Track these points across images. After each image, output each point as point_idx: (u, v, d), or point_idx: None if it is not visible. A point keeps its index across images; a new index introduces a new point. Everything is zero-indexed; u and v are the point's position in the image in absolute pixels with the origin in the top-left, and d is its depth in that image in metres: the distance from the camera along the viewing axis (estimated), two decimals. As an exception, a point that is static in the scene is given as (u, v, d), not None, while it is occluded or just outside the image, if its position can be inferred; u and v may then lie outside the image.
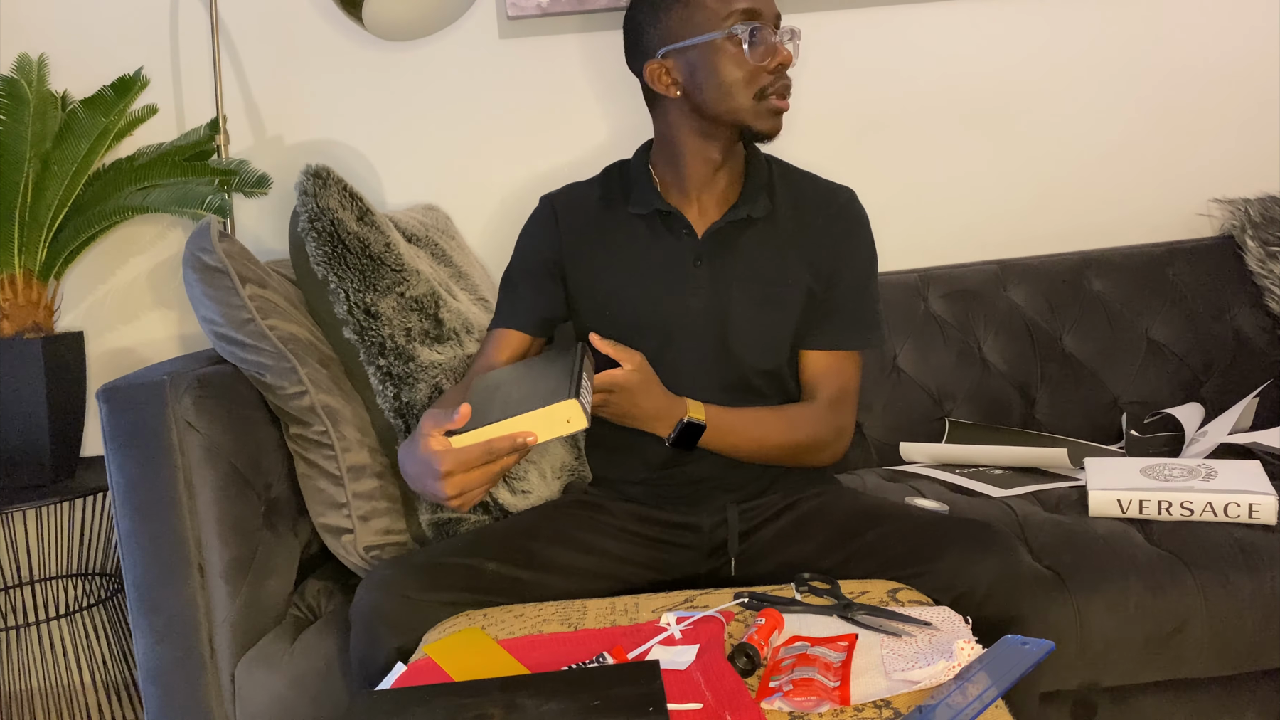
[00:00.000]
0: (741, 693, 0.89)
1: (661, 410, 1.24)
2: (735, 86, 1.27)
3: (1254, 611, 1.32)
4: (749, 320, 1.32)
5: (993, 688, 0.85)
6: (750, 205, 1.32)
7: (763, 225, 1.34)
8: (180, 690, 1.36)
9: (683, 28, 1.28)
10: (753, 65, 1.26)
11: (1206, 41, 2.03)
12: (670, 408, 1.25)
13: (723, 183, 1.34)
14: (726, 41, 1.26)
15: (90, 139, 1.76)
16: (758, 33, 1.25)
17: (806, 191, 1.38)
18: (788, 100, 1.29)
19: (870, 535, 1.20)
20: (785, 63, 1.27)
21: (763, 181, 1.35)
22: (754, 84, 1.27)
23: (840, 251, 1.35)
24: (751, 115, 1.28)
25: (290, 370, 1.38)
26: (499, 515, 1.45)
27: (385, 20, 1.85)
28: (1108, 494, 1.48)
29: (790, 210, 1.35)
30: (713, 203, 1.35)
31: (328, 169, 1.45)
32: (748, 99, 1.27)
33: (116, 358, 2.02)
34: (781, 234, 1.34)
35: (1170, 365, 1.88)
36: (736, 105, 1.27)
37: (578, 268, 1.37)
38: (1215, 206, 2.05)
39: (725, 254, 1.32)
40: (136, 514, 1.34)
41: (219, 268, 1.39)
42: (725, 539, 1.31)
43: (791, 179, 1.39)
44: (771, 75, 1.27)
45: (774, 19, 1.28)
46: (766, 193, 1.34)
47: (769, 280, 1.32)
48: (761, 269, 1.33)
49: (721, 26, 1.26)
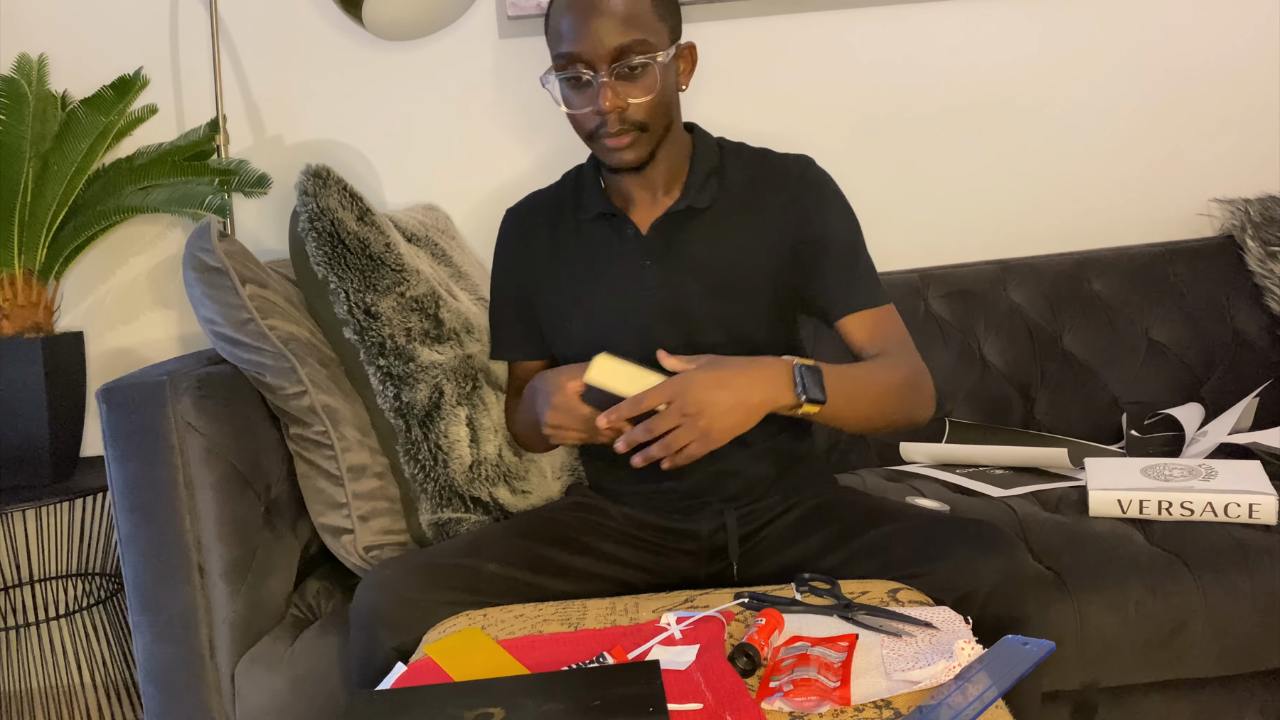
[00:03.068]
0: (742, 693, 0.89)
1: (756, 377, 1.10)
2: (573, 125, 1.26)
3: (1254, 611, 1.32)
4: (709, 312, 1.29)
5: (993, 688, 0.85)
6: (693, 196, 1.29)
7: (710, 214, 1.30)
8: (180, 690, 1.36)
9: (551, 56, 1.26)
10: (568, 111, 1.24)
11: (1206, 41, 2.03)
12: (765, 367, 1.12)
13: (661, 178, 1.31)
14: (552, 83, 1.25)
15: (90, 139, 1.76)
16: (568, 82, 1.22)
17: (762, 170, 1.33)
18: (623, 138, 1.22)
19: (873, 535, 1.19)
20: (605, 111, 1.20)
21: (709, 169, 1.31)
22: (580, 126, 1.25)
23: (815, 220, 1.30)
24: (595, 151, 1.27)
25: (290, 370, 1.38)
26: (499, 515, 1.45)
27: (385, 20, 1.85)
28: (1108, 494, 1.48)
29: (746, 192, 1.31)
30: (655, 199, 1.32)
31: (328, 169, 1.45)
32: (586, 139, 1.26)
33: (116, 358, 2.02)
34: (735, 219, 1.30)
35: (1170, 365, 1.88)
36: (583, 140, 1.27)
37: (541, 283, 1.37)
38: (1215, 206, 2.05)
39: (673, 248, 1.30)
40: (136, 514, 1.34)
41: (219, 268, 1.39)
42: (725, 543, 1.31)
43: (744, 159, 1.34)
44: (597, 117, 1.22)
45: (606, 57, 1.19)
46: (716, 179, 1.31)
47: (723, 269, 1.29)
48: (713, 258, 1.29)
49: (552, 71, 1.24)
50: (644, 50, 1.20)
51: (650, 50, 1.20)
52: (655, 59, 1.21)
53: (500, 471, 1.47)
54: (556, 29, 1.22)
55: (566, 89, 1.23)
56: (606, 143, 1.23)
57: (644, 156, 1.25)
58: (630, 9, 1.20)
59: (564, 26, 1.21)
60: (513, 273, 1.40)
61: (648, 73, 1.21)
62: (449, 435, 1.42)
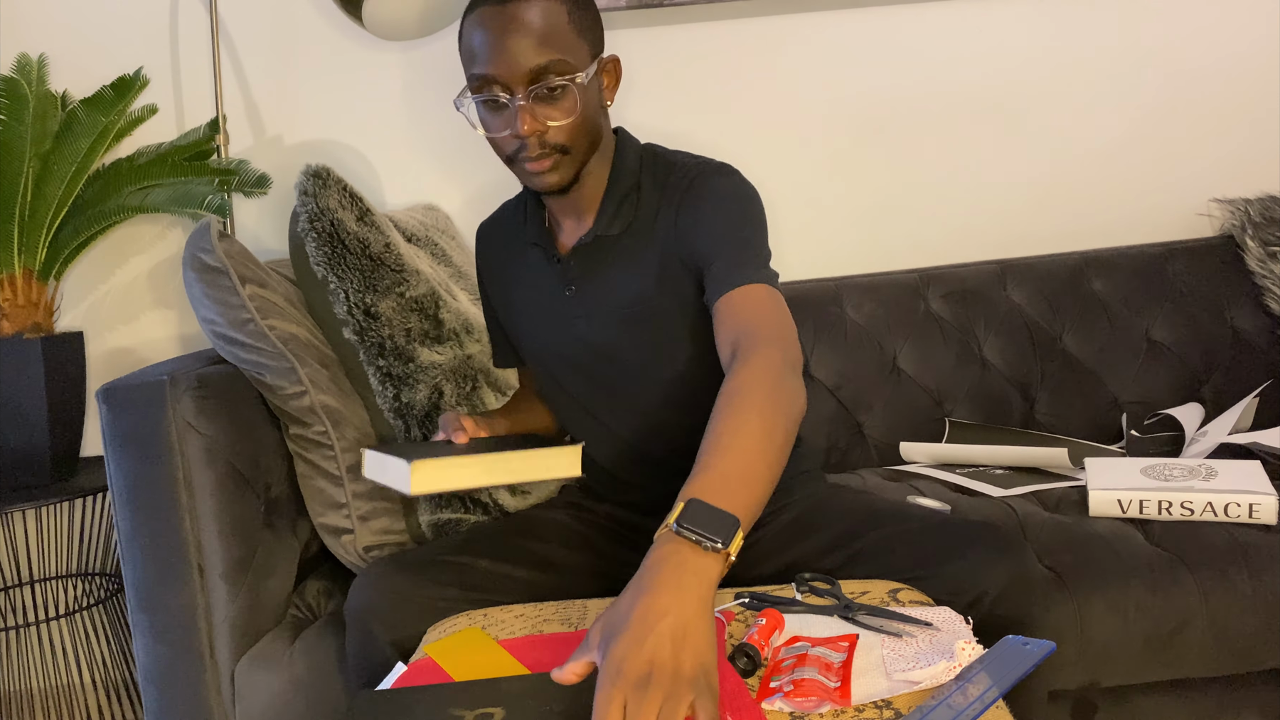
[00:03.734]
0: (742, 693, 0.89)
1: (659, 583, 0.80)
2: (493, 148, 1.20)
3: (1254, 611, 1.32)
4: (629, 340, 1.24)
5: (994, 688, 0.85)
6: (604, 224, 1.23)
7: (624, 240, 1.23)
8: (180, 690, 1.36)
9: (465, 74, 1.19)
10: (485, 135, 1.18)
11: (1207, 42, 2.04)
12: (653, 565, 0.83)
13: (584, 201, 1.25)
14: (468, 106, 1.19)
15: (90, 139, 1.76)
16: (484, 104, 1.15)
17: (670, 179, 1.24)
18: (544, 162, 1.16)
19: (875, 537, 1.18)
20: (523, 135, 1.13)
21: (624, 192, 1.24)
22: (500, 150, 1.19)
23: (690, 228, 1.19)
24: (517, 175, 1.21)
25: (290, 370, 1.38)
26: (499, 516, 1.45)
27: (385, 20, 1.85)
28: (1108, 494, 1.48)
29: (654, 207, 1.23)
30: (578, 222, 1.27)
31: (328, 169, 1.45)
32: (504, 160, 1.20)
33: (116, 358, 2.02)
34: (642, 244, 1.23)
35: (1170, 365, 1.88)
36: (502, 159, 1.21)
37: (500, 303, 1.37)
38: (1215, 206, 2.05)
39: (591, 276, 1.25)
40: (136, 514, 1.34)
41: (219, 268, 1.39)
42: None
43: (659, 171, 1.25)
44: (517, 140, 1.15)
45: (522, 79, 1.12)
46: (631, 202, 1.23)
47: (633, 297, 1.23)
48: (625, 287, 1.23)
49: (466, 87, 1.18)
50: (562, 70, 1.13)
51: (569, 71, 1.13)
52: (574, 80, 1.13)
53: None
54: (469, 47, 1.15)
55: (483, 111, 1.17)
56: (527, 166, 1.17)
57: (568, 179, 1.19)
58: (546, 27, 1.13)
59: (476, 44, 1.13)
60: (485, 288, 1.40)
61: (567, 94, 1.14)
62: (449, 435, 1.43)
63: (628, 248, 1.24)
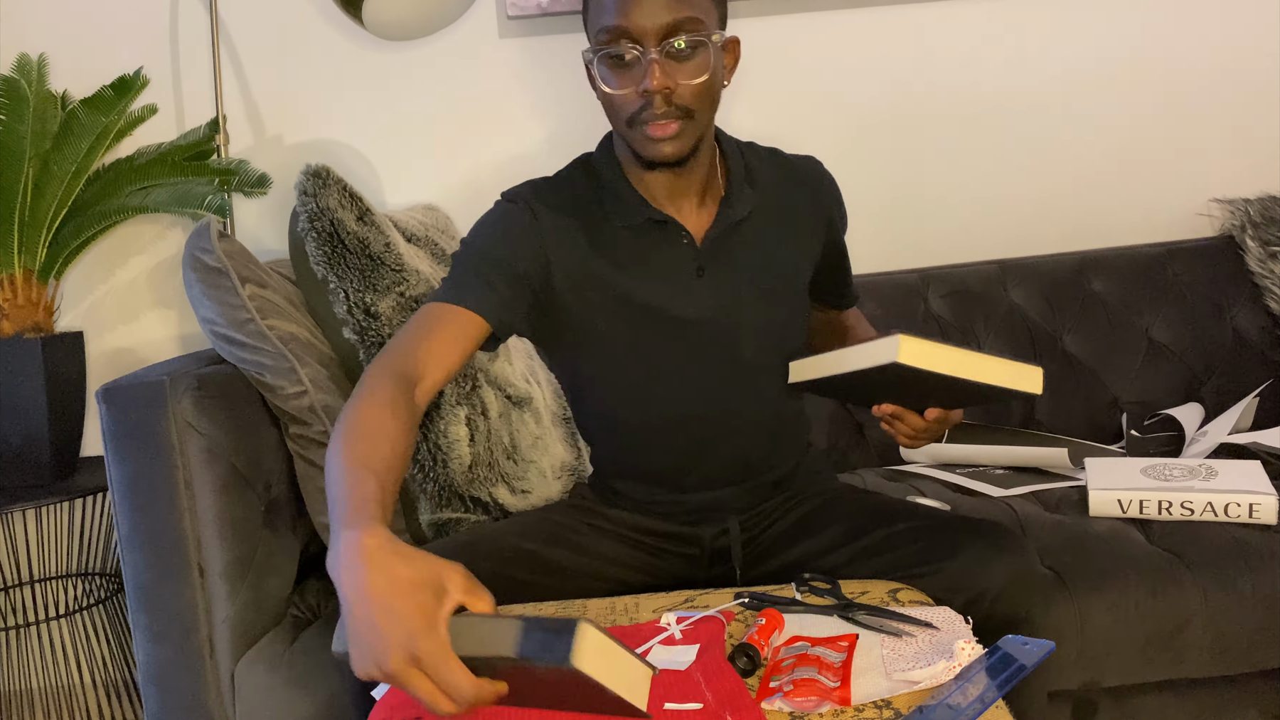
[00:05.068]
0: (742, 693, 0.89)
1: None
2: (608, 109, 1.17)
3: (1254, 611, 1.32)
4: (761, 323, 1.26)
5: (993, 688, 0.85)
6: (740, 202, 1.24)
7: (754, 220, 1.26)
8: (180, 690, 1.36)
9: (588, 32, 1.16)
10: (609, 91, 1.14)
11: (1206, 42, 2.04)
12: None
13: (699, 180, 1.24)
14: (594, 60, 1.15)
15: (90, 139, 1.76)
16: (609, 59, 1.12)
17: (783, 172, 1.31)
18: (669, 125, 1.12)
19: (879, 534, 1.18)
20: (651, 90, 1.10)
21: (741, 171, 1.26)
22: (621, 110, 1.15)
23: (837, 221, 1.35)
24: (632, 140, 1.17)
25: (290, 370, 1.38)
26: (499, 515, 1.45)
27: (385, 20, 1.85)
28: (1108, 494, 1.48)
29: (776, 193, 1.29)
30: (700, 204, 1.25)
31: (328, 169, 1.45)
32: (621, 124, 1.16)
33: (116, 358, 2.02)
34: (773, 224, 1.28)
35: (1170, 365, 1.88)
36: (618, 128, 1.18)
37: (565, 282, 1.22)
38: (1215, 206, 2.05)
39: (727, 259, 1.25)
40: (136, 514, 1.34)
41: (219, 268, 1.39)
42: (727, 547, 1.30)
43: (764, 161, 1.31)
44: (641, 99, 1.12)
45: (655, 33, 1.10)
46: (748, 183, 1.27)
47: (770, 275, 1.27)
48: (761, 265, 1.27)
49: (591, 48, 1.14)
50: (695, 29, 1.11)
51: (702, 29, 1.12)
52: (710, 39, 1.12)
53: (499, 472, 1.47)
54: (599, 3, 1.12)
55: (606, 68, 1.13)
56: (649, 129, 1.13)
57: (686, 149, 1.16)
58: None
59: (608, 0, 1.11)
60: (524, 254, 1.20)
61: (700, 53, 1.12)
62: (448, 435, 1.42)
63: (756, 227, 1.27)
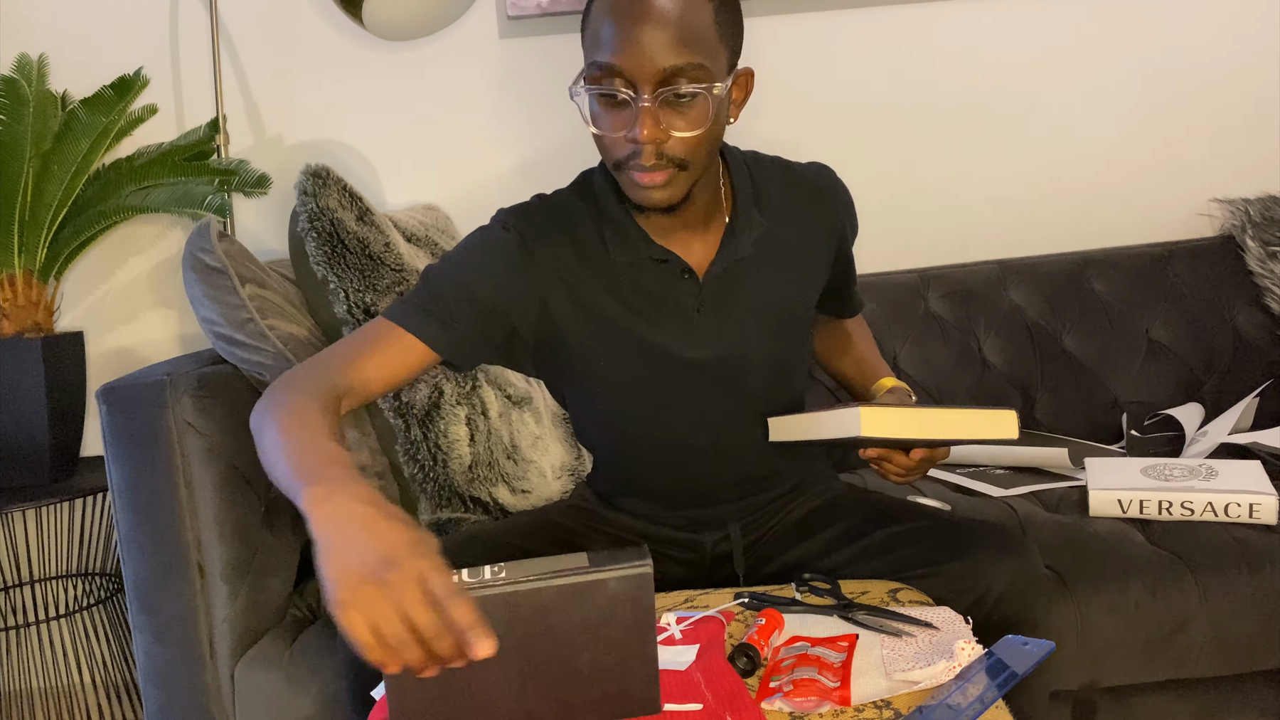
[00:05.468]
0: (742, 693, 0.89)
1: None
2: (599, 148, 1.08)
3: (1254, 611, 1.32)
4: (766, 357, 1.21)
5: (993, 688, 0.85)
6: (745, 233, 1.17)
7: (761, 249, 1.19)
8: (180, 690, 1.36)
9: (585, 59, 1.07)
10: (596, 132, 1.06)
11: (1207, 42, 2.04)
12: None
13: (700, 215, 1.16)
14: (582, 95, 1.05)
15: (90, 139, 1.76)
16: (601, 98, 1.03)
17: (795, 189, 1.23)
18: (656, 175, 1.03)
19: (880, 535, 1.18)
20: (640, 140, 1.01)
21: (749, 196, 1.18)
22: (608, 151, 1.06)
23: (848, 234, 1.29)
24: (621, 182, 1.08)
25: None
26: (499, 515, 1.45)
27: (385, 20, 1.85)
28: (1108, 494, 1.48)
29: (783, 216, 1.21)
30: (701, 236, 1.17)
31: (328, 169, 1.45)
32: (610, 164, 1.08)
33: (116, 358, 2.02)
34: (781, 249, 1.21)
35: (1170, 365, 1.88)
36: (608, 166, 1.09)
37: (562, 314, 1.17)
38: (1215, 206, 2.05)
39: (732, 294, 1.18)
40: (136, 514, 1.34)
41: (219, 268, 1.39)
42: (728, 551, 1.30)
43: (773, 176, 1.23)
44: (630, 145, 1.03)
45: (651, 77, 1.00)
46: (756, 208, 1.19)
47: (777, 308, 1.21)
48: (767, 298, 1.20)
49: (585, 72, 1.05)
50: (698, 77, 1.01)
51: (705, 79, 1.02)
52: (710, 90, 1.02)
53: (499, 472, 1.47)
54: (596, 32, 1.03)
55: (597, 105, 1.04)
56: (636, 176, 1.05)
57: (678, 197, 1.07)
58: (689, 24, 1.00)
59: (604, 29, 1.02)
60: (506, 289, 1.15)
61: (697, 103, 1.02)
62: (448, 435, 1.42)
63: (763, 256, 1.19)
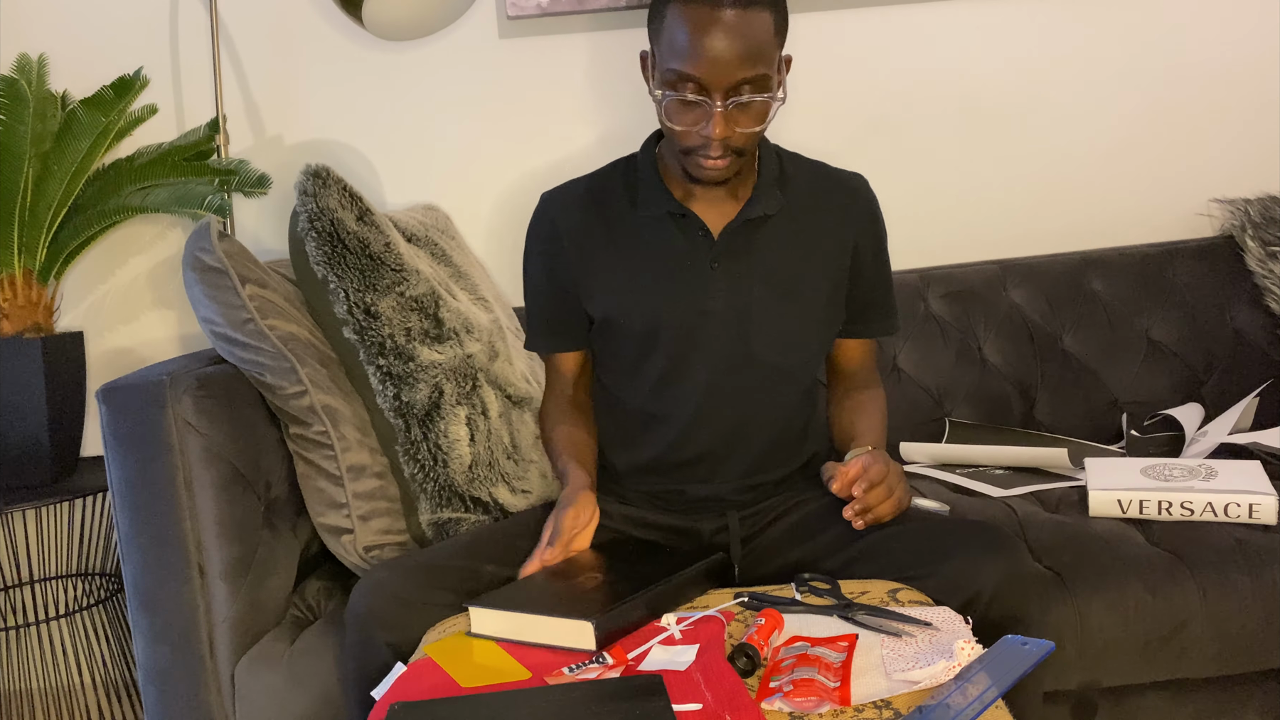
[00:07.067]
0: (741, 693, 0.89)
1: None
2: (669, 134, 1.22)
3: (1254, 611, 1.32)
4: (771, 320, 1.29)
5: (993, 688, 0.85)
6: (764, 203, 1.28)
7: (777, 221, 1.29)
8: (180, 690, 1.36)
9: (654, 48, 1.22)
10: (670, 125, 1.20)
11: (1206, 41, 2.03)
12: None
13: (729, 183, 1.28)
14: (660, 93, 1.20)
15: (90, 139, 1.76)
16: (678, 102, 1.18)
17: (820, 182, 1.34)
18: (721, 160, 1.20)
19: (875, 537, 1.20)
20: (713, 138, 1.17)
21: (774, 176, 1.30)
22: (678, 140, 1.21)
23: (864, 241, 1.34)
24: (684, 163, 1.24)
25: (290, 370, 1.38)
26: (499, 515, 1.45)
27: (385, 20, 1.85)
28: (1108, 494, 1.48)
29: (805, 202, 1.32)
30: (724, 199, 1.29)
31: (328, 169, 1.45)
32: (679, 150, 1.22)
33: (116, 358, 2.02)
34: (798, 228, 1.30)
35: (1170, 365, 1.88)
36: (676, 150, 1.23)
37: (585, 278, 1.32)
38: (1215, 206, 2.05)
39: (742, 254, 1.28)
40: (136, 514, 1.34)
41: (219, 268, 1.39)
42: (726, 544, 1.31)
43: (803, 169, 1.35)
44: (700, 139, 1.18)
45: (723, 87, 1.15)
46: (778, 187, 1.30)
47: (789, 277, 1.29)
48: (780, 266, 1.29)
49: (659, 78, 1.20)
50: (762, 86, 1.17)
51: (768, 87, 1.17)
52: (774, 95, 1.18)
53: (499, 471, 1.47)
54: (672, 39, 1.16)
55: (671, 103, 1.19)
56: (704, 162, 1.20)
57: (731, 175, 1.23)
58: (756, 39, 1.15)
59: (681, 40, 1.15)
60: (552, 262, 1.35)
61: (759, 105, 1.18)
62: (449, 435, 1.42)
63: (780, 228, 1.29)
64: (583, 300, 1.34)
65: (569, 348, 1.39)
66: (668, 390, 1.31)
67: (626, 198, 1.32)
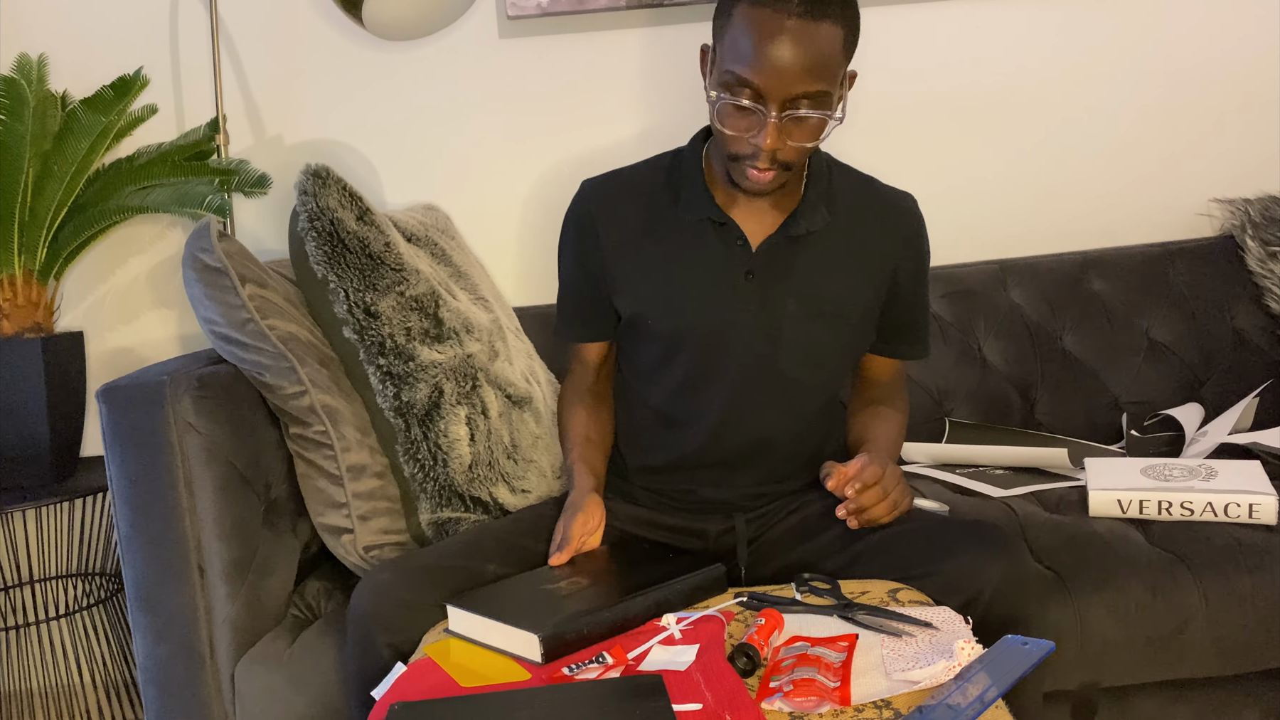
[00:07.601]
0: (741, 693, 0.89)
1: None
2: (719, 137, 1.19)
3: (1254, 611, 1.32)
4: (801, 338, 1.26)
5: (993, 688, 0.85)
6: (808, 219, 1.24)
7: (819, 237, 1.26)
8: (180, 690, 1.36)
9: (716, 45, 1.18)
10: (721, 128, 1.17)
11: (1206, 42, 2.03)
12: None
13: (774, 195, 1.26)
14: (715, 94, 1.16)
15: (90, 139, 1.76)
16: (732, 106, 1.14)
17: (868, 200, 1.30)
18: (767, 173, 1.16)
19: (876, 537, 1.20)
20: (764, 148, 1.13)
21: (822, 190, 1.26)
22: (729, 147, 1.18)
23: (905, 265, 1.31)
24: (730, 169, 1.21)
25: (290, 370, 1.38)
26: (499, 515, 1.45)
27: (385, 20, 1.84)
28: (1108, 494, 1.48)
29: (851, 220, 1.28)
30: (768, 211, 1.26)
31: (327, 169, 1.45)
32: (726, 154, 1.19)
33: (116, 358, 2.02)
34: (840, 247, 1.27)
35: (1170, 365, 1.88)
36: (723, 153, 1.20)
37: (616, 273, 1.30)
38: (1215, 206, 2.05)
39: (779, 268, 1.25)
40: (136, 514, 1.34)
41: (219, 268, 1.39)
42: (732, 545, 1.31)
43: (852, 185, 1.31)
44: (751, 145, 1.15)
45: (781, 98, 1.11)
46: (825, 203, 1.26)
47: (824, 296, 1.26)
48: (817, 284, 1.26)
49: (716, 78, 1.16)
50: (821, 104, 1.12)
51: (826, 105, 1.13)
52: (831, 114, 1.14)
53: (499, 471, 1.47)
54: (735, 41, 1.12)
55: (725, 106, 1.15)
56: (749, 172, 1.17)
57: (776, 188, 1.20)
58: (822, 53, 1.10)
59: (743, 44, 1.11)
60: (585, 253, 1.33)
61: (815, 121, 1.14)
62: (449, 435, 1.43)
63: (820, 245, 1.26)
64: (612, 295, 1.32)
65: (595, 338, 1.38)
66: (690, 396, 1.29)
67: (668, 196, 1.29)
